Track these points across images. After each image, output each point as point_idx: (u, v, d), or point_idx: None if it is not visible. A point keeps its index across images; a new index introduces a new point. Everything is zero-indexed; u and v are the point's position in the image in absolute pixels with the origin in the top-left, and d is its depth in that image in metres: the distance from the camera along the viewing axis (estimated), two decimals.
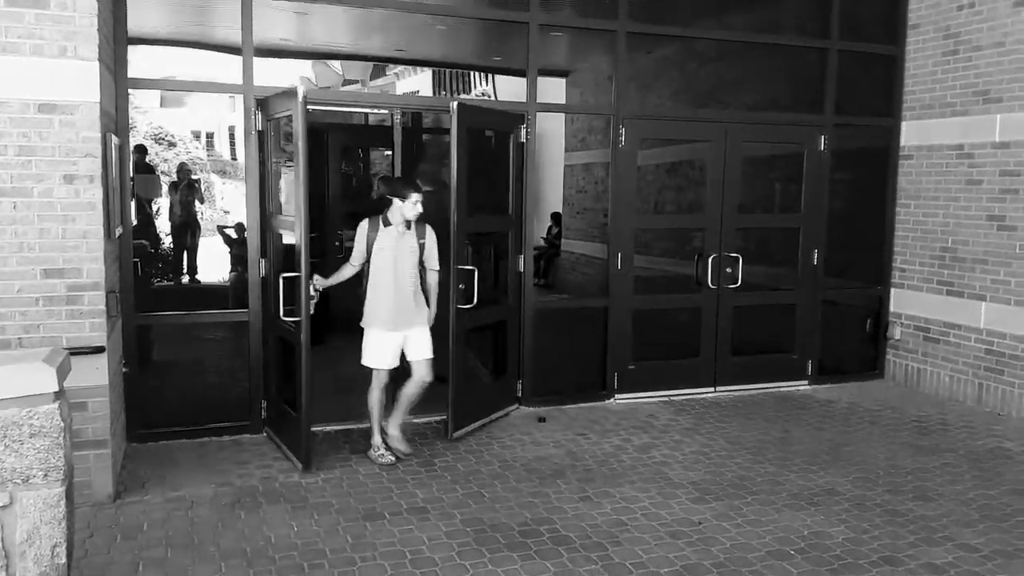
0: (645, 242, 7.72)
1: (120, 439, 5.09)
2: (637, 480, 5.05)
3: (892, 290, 7.63)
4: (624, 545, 4.16)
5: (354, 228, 5.38)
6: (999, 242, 6.63)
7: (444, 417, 5.81)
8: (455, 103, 5.44)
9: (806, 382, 7.38)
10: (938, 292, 7.16)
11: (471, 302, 5.77)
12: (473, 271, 5.72)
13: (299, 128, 4.89)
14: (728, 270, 7.00)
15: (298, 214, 4.91)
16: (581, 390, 6.79)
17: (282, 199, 5.71)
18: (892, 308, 7.63)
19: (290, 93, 4.99)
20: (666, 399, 6.87)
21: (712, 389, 7.08)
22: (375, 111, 11.83)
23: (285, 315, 5.15)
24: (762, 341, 7.50)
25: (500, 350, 6.60)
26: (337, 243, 8.93)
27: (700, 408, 6.66)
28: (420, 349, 5.31)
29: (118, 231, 5.07)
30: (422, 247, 5.30)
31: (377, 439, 5.35)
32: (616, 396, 6.81)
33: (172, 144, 23.80)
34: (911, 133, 7.41)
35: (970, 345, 6.88)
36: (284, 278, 5.11)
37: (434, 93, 12.81)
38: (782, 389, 7.26)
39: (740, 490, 4.92)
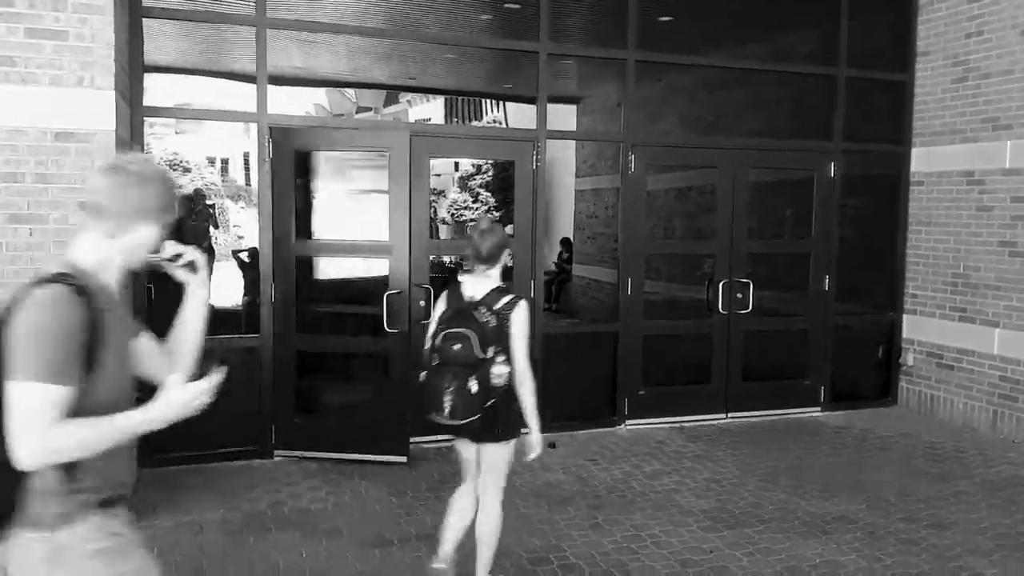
0: (655, 267, 7.73)
1: None
2: (647, 508, 5.02)
3: (904, 316, 7.59)
4: (634, 574, 4.13)
5: None
6: (1011, 268, 6.60)
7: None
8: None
9: (818, 408, 7.34)
10: (951, 318, 7.12)
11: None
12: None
13: (406, 160, 5.60)
14: (739, 295, 6.99)
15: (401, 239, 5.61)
16: (591, 416, 6.77)
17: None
18: (905, 334, 7.59)
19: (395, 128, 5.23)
20: (677, 425, 6.84)
21: (723, 415, 7.04)
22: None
23: (389, 326, 5.64)
24: (774, 367, 7.46)
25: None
26: None
27: (711, 435, 6.63)
28: None
29: None
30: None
31: None
32: (626, 422, 6.78)
33: (187, 170, 24.04)
34: (921, 160, 7.42)
35: (984, 372, 6.83)
36: (389, 295, 5.62)
37: (446, 120, 12.91)
38: (794, 415, 7.21)
39: (752, 518, 4.87)
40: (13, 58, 4.31)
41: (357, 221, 5.77)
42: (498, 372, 3.36)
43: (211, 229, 11.99)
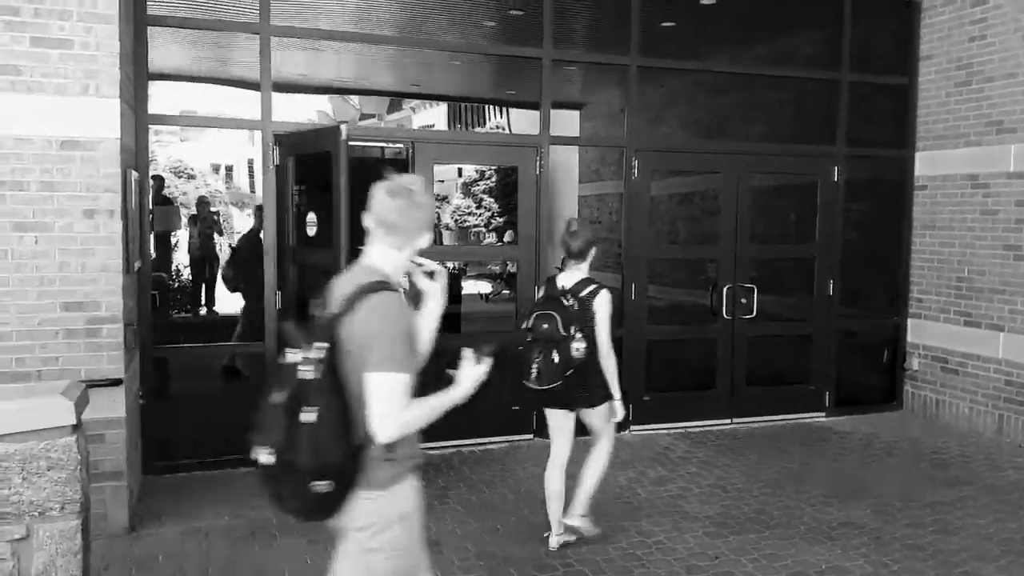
0: (659, 272, 7.73)
1: (136, 471, 5.12)
2: (653, 514, 5.01)
3: (909, 320, 7.57)
4: None
5: None
6: (1016, 272, 6.58)
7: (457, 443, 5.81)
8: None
9: (823, 413, 7.32)
10: (955, 322, 7.11)
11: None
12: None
13: (341, 165, 5.19)
14: (743, 300, 6.98)
15: (337, 244, 5.18)
16: None
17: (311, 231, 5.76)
18: (909, 338, 7.57)
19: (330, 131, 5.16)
20: (682, 431, 6.82)
21: (728, 421, 7.03)
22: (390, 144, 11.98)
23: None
24: (778, 372, 7.45)
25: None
26: None
27: (716, 440, 6.61)
28: None
29: (137, 265, 5.14)
30: None
31: None
32: (631, 428, 6.77)
33: (191, 177, 24.10)
34: (925, 163, 7.41)
35: (989, 376, 6.81)
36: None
37: (449, 126, 12.93)
38: (799, 420, 7.20)
39: (757, 524, 4.86)
40: (19, 67, 4.33)
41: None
42: (576, 347, 4.06)
43: (215, 236, 12.01)
